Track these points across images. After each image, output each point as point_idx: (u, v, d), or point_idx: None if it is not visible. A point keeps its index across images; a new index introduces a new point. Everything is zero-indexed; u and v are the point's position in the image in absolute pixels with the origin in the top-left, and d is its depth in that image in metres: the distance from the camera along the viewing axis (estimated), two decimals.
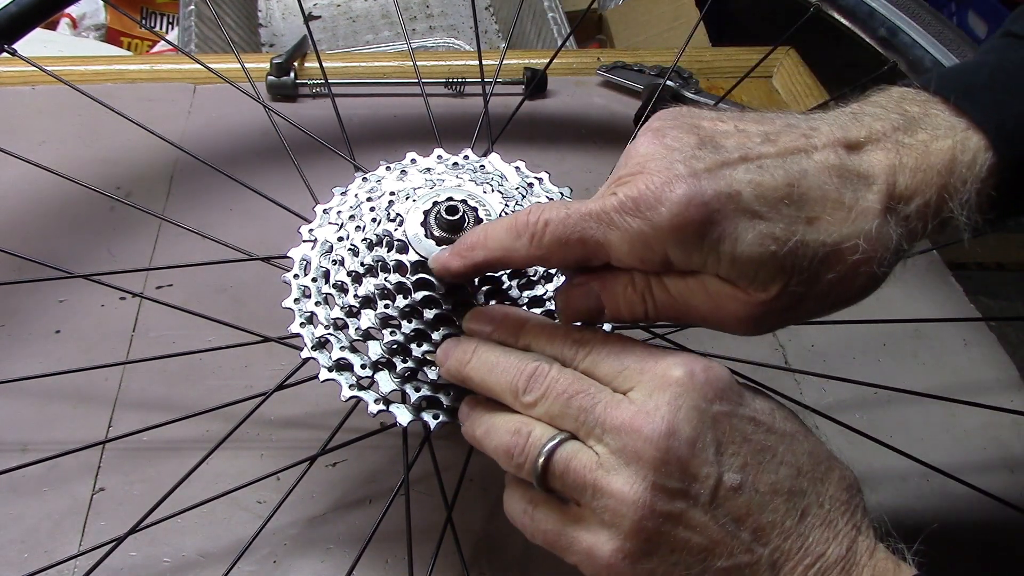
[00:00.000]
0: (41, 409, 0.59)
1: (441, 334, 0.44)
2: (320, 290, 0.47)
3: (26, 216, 0.71)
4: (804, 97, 0.92)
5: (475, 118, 0.62)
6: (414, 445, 0.51)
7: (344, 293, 0.46)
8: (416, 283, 0.43)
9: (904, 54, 0.57)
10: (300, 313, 0.47)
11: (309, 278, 0.48)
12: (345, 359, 0.46)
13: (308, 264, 0.48)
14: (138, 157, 0.77)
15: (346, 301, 0.46)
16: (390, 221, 0.45)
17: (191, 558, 0.53)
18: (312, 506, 0.55)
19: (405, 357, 0.45)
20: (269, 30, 1.45)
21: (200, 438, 0.57)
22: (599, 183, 0.59)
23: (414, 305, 0.44)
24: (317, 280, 0.47)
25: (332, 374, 0.46)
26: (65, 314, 0.65)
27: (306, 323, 0.47)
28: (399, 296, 0.44)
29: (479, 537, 0.55)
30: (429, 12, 1.49)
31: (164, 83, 0.86)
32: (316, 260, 0.48)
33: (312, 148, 0.65)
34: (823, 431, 0.62)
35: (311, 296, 0.47)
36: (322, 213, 0.50)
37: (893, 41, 0.57)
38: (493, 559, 0.54)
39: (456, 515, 0.50)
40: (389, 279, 0.44)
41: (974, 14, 2.10)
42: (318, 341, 0.46)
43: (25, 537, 0.53)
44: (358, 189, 0.50)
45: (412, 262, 0.43)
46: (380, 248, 0.45)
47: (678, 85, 0.89)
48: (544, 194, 0.50)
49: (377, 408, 0.45)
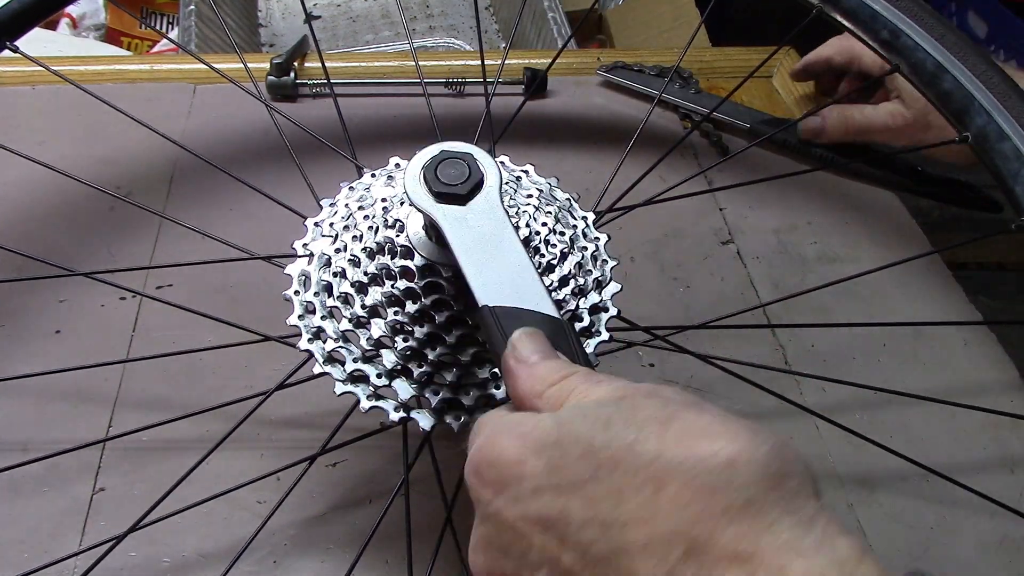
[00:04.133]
0: (41, 409, 0.59)
1: (455, 335, 0.43)
2: (324, 304, 0.47)
3: (26, 215, 0.71)
4: (804, 97, 0.92)
5: (475, 118, 0.62)
6: (414, 445, 0.51)
7: (350, 305, 0.46)
8: (425, 287, 0.43)
9: (906, 57, 0.57)
10: (307, 329, 0.46)
11: (311, 293, 0.47)
12: (360, 370, 0.45)
13: (308, 279, 0.48)
14: (138, 157, 0.77)
15: (353, 312, 0.45)
16: (389, 228, 0.44)
17: (191, 558, 0.53)
18: (312, 506, 0.55)
19: (421, 362, 0.44)
20: (269, 30, 1.45)
21: (200, 438, 0.57)
22: (599, 183, 0.60)
23: (425, 309, 0.43)
24: (320, 294, 0.47)
25: (348, 387, 0.45)
26: (65, 314, 0.65)
27: (314, 338, 0.46)
28: (408, 302, 0.44)
29: None
30: (429, 12, 1.49)
31: (164, 83, 0.86)
32: (316, 274, 0.47)
33: (312, 148, 0.65)
34: (822, 432, 0.62)
35: (315, 311, 0.47)
36: (313, 226, 0.50)
37: (895, 44, 0.57)
38: None
39: (457, 515, 0.50)
40: (397, 285, 0.43)
41: (974, 14, 2.10)
42: (329, 356, 0.46)
43: (25, 537, 0.53)
44: (346, 199, 0.50)
45: (419, 266, 0.43)
46: (383, 256, 0.44)
47: (679, 86, 0.89)
48: (533, 186, 0.50)
49: (398, 416, 0.45)
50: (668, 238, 0.75)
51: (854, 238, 0.78)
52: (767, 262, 0.75)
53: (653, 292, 0.71)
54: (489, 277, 0.38)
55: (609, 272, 0.49)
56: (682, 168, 0.82)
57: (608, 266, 0.49)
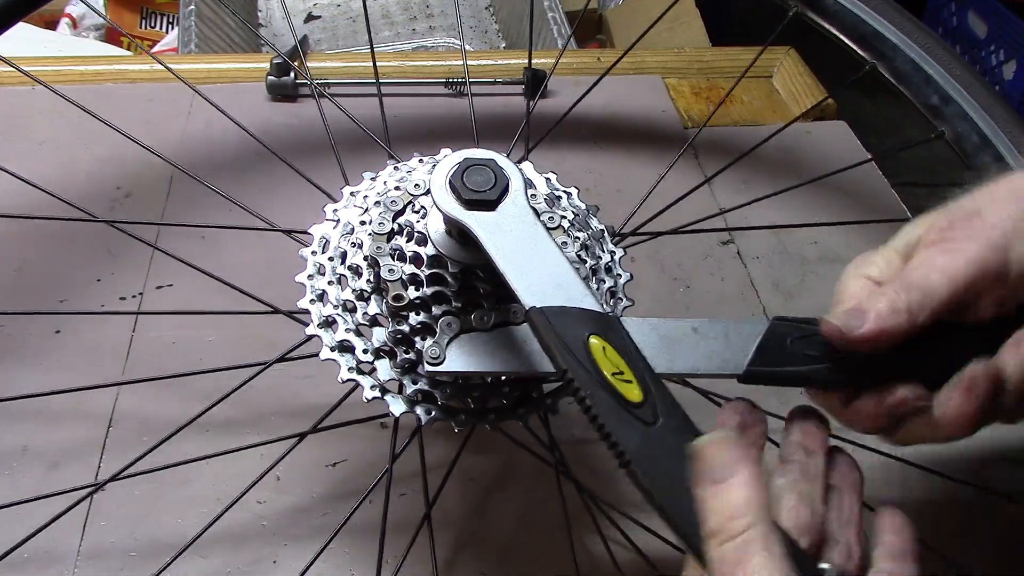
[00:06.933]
0: (41, 408, 0.59)
1: (448, 333, 0.43)
2: (335, 270, 0.47)
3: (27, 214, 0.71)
4: (804, 97, 0.92)
5: (477, 117, 0.62)
6: (413, 440, 0.51)
7: (358, 276, 0.46)
8: (430, 277, 0.43)
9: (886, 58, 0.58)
10: (312, 290, 0.47)
11: (326, 256, 0.48)
12: (348, 341, 0.46)
13: (327, 242, 0.48)
14: (138, 157, 0.77)
15: (358, 285, 0.46)
16: (414, 212, 0.45)
17: (191, 558, 0.52)
18: (312, 506, 0.55)
19: (408, 348, 0.45)
20: (269, 30, 1.45)
21: (200, 439, 0.57)
22: (599, 183, 0.60)
23: (424, 298, 0.44)
24: (334, 260, 0.48)
25: (334, 354, 0.46)
26: (65, 314, 0.65)
27: (316, 300, 0.47)
28: (411, 287, 0.44)
29: (485, 537, 0.55)
30: (429, 12, 1.49)
31: (164, 83, 0.85)
32: (336, 240, 0.48)
33: (312, 149, 0.65)
34: None
35: (325, 274, 0.47)
36: (349, 195, 0.50)
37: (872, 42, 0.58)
38: (487, 559, 0.54)
39: (457, 516, 0.50)
40: (404, 269, 0.44)
41: (974, 14, 2.10)
42: (325, 320, 0.46)
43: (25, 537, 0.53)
44: (388, 176, 0.50)
45: (429, 256, 0.43)
46: (400, 237, 0.45)
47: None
48: (571, 208, 0.50)
49: (372, 395, 0.45)
50: (668, 238, 0.75)
51: (855, 238, 0.78)
52: (767, 262, 0.75)
53: (653, 292, 0.71)
54: (531, 279, 0.38)
55: (621, 310, 0.48)
56: (681, 167, 0.81)
57: (622, 305, 0.49)
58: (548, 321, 0.37)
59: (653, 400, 0.36)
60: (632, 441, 0.34)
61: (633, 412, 0.35)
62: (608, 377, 0.36)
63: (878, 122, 1.80)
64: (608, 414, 0.35)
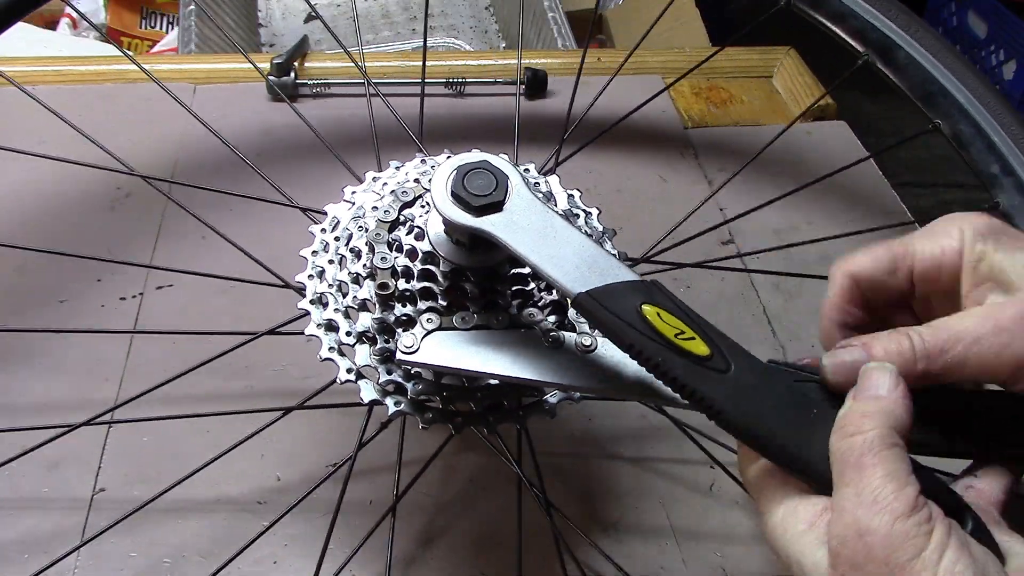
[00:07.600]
0: (42, 408, 0.59)
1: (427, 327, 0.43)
2: (337, 250, 0.48)
3: (27, 214, 0.71)
4: (804, 97, 0.92)
5: (476, 118, 0.62)
6: (412, 437, 0.51)
7: (357, 259, 0.46)
8: (421, 272, 0.44)
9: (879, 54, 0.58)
10: (312, 266, 0.48)
11: (333, 235, 0.49)
12: (335, 321, 0.46)
13: (338, 222, 0.49)
14: (138, 157, 0.77)
15: (355, 268, 0.46)
16: (421, 207, 0.45)
17: (191, 558, 0.53)
18: (312, 506, 0.55)
19: (388, 338, 0.45)
20: (269, 30, 1.45)
21: (201, 440, 0.57)
22: (600, 183, 0.60)
23: (412, 292, 0.44)
24: (340, 240, 0.48)
25: (319, 331, 0.46)
26: (66, 314, 0.65)
27: (314, 276, 0.47)
28: (402, 279, 0.44)
29: (484, 537, 0.55)
30: (429, 12, 1.49)
31: (164, 83, 0.85)
32: (346, 221, 0.49)
33: (311, 149, 0.65)
34: None
35: (328, 252, 0.48)
36: (371, 180, 0.51)
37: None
38: (493, 559, 0.54)
39: (458, 515, 0.50)
40: (398, 260, 0.44)
41: (974, 14, 2.10)
42: (318, 297, 0.47)
43: (25, 537, 0.53)
44: (412, 168, 0.51)
45: (424, 251, 0.43)
46: (401, 228, 0.45)
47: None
48: (586, 228, 0.50)
49: (346, 377, 0.45)
50: (668, 239, 0.75)
51: (855, 239, 0.78)
52: (767, 262, 0.75)
53: None
54: (565, 266, 0.38)
55: None
56: (681, 167, 0.82)
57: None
58: (600, 304, 0.37)
59: (720, 349, 0.37)
60: (718, 393, 0.36)
61: (707, 366, 0.36)
62: (674, 339, 0.37)
63: (878, 122, 1.80)
64: (688, 375, 0.36)
